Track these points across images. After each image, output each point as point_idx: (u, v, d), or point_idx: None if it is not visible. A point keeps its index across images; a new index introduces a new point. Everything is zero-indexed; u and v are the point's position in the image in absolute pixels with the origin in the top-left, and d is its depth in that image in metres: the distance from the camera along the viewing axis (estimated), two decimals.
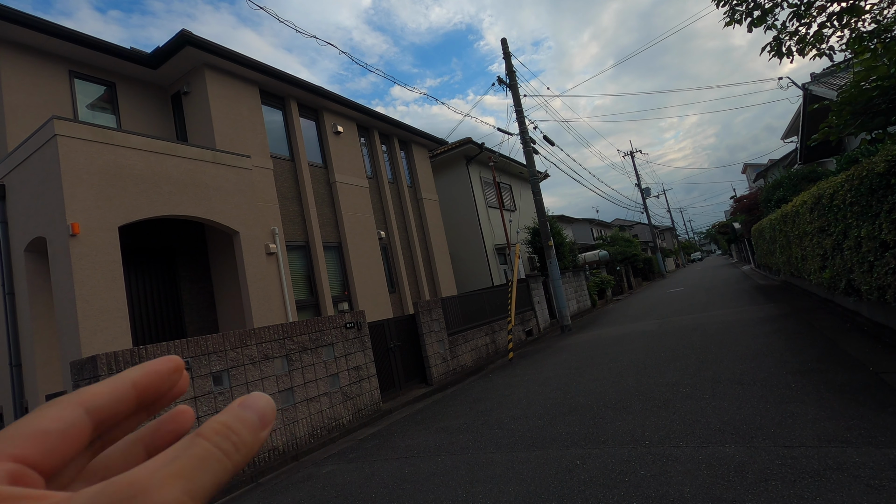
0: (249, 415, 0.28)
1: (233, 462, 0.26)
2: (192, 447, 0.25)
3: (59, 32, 7.60)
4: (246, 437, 0.27)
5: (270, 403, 0.30)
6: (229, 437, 0.27)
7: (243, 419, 0.28)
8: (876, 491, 2.57)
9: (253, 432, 0.28)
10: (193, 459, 0.25)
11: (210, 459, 0.25)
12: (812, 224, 7.27)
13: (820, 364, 5.03)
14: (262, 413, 0.29)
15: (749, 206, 19.00)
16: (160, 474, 0.24)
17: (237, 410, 0.28)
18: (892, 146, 4.55)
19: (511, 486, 3.65)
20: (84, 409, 0.27)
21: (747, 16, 5.22)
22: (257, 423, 0.28)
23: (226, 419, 0.28)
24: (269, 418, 0.29)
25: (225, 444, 0.26)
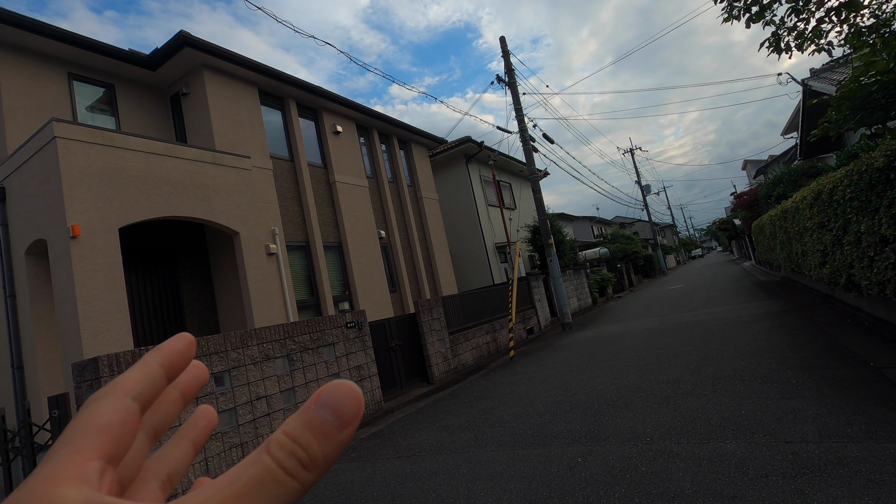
0: (324, 416, 0.24)
1: (301, 482, 0.23)
2: (253, 465, 0.23)
3: (57, 35, 7.60)
4: (316, 450, 0.24)
5: (353, 393, 0.25)
6: (295, 452, 0.23)
7: (315, 424, 0.24)
8: (877, 485, 2.57)
9: (327, 440, 0.24)
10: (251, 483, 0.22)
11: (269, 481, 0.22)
12: (812, 220, 7.27)
13: (821, 360, 5.03)
14: (339, 411, 0.24)
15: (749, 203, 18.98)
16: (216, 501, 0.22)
17: (311, 412, 0.25)
18: (891, 141, 4.55)
19: (512, 483, 3.66)
20: (130, 396, 0.27)
21: (745, 11, 5.21)
22: (334, 426, 0.24)
23: (295, 427, 0.24)
24: (350, 415, 0.25)
25: (289, 462, 0.23)
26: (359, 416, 0.25)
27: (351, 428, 0.25)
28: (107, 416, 0.25)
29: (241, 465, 0.23)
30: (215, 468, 5.39)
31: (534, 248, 18.26)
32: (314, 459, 0.23)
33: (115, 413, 0.26)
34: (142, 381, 0.28)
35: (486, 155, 16.47)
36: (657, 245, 41.51)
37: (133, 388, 0.27)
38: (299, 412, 0.25)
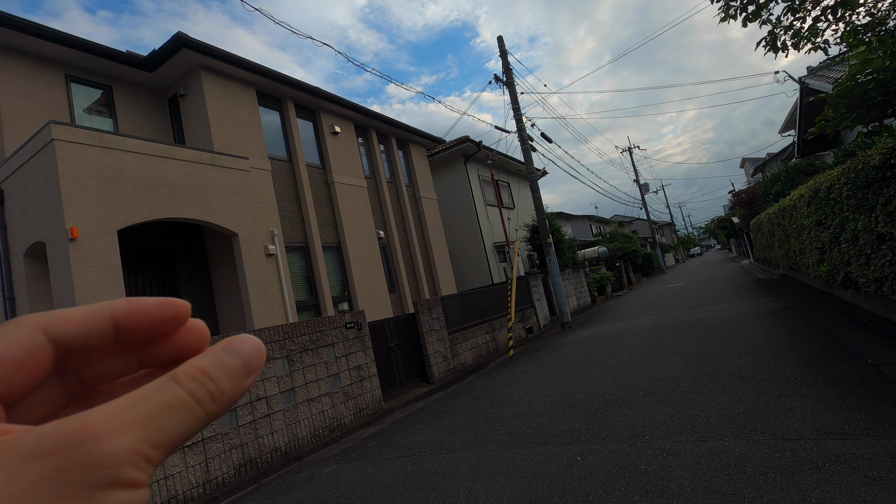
0: (232, 360, 0.26)
1: (206, 412, 0.24)
2: (161, 392, 0.23)
3: (54, 37, 7.59)
4: (225, 385, 0.25)
5: (259, 348, 0.27)
6: (206, 384, 0.24)
7: (224, 365, 0.25)
8: (874, 482, 2.59)
9: (234, 380, 0.25)
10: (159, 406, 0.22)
11: (179, 407, 0.23)
12: (809, 217, 7.29)
13: (819, 357, 5.05)
14: (246, 359, 0.26)
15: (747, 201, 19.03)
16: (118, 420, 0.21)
17: (219, 354, 0.26)
18: (887, 139, 4.56)
19: (512, 482, 3.67)
20: (47, 336, 0.25)
21: (741, 11, 5.22)
22: (240, 371, 0.26)
23: (204, 363, 0.25)
24: (255, 365, 0.26)
25: (200, 391, 0.24)
26: (260, 366, 0.27)
27: (252, 378, 0.26)
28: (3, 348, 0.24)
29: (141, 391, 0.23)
30: (215, 469, 5.40)
31: (533, 247, 18.27)
32: (222, 394, 0.24)
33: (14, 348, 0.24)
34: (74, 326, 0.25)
35: (484, 154, 16.47)
36: (656, 243, 41.56)
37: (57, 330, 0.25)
38: (207, 353, 0.26)
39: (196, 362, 0.25)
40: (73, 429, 0.21)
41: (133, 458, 0.21)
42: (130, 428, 0.21)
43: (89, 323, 0.26)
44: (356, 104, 12.14)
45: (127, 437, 0.21)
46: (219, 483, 5.39)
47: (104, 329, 0.26)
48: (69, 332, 0.25)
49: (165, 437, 0.22)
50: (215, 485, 5.35)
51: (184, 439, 0.23)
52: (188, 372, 0.24)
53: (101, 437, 0.20)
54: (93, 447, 0.20)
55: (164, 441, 0.22)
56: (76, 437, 0.20)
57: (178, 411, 0.23)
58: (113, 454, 0.20)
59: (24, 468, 0.19)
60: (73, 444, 0.20)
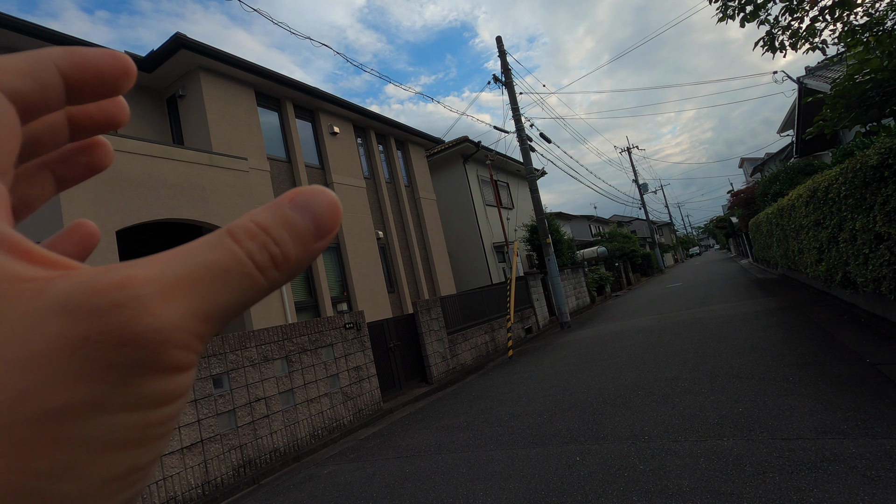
0: (301, 218, 0.20)
1: (268, 280, 0.19)
2: (216, 249, 0.18)
3: (53, 38, 7.58)
4: (290, 249, 0.20)
5: (333, 204, 0.21)
6: (268, 245, 0.19)
7: (292, 224, 0.20)
8: (872, 481, 2.59)
9: (303, 244, 0.20)
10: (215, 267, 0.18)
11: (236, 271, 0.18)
12: (808, 217, 7.30)
13: (817, 357, 5.06)
14: (318, 217, 0.21)
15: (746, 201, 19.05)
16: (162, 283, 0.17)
17: (286, 210, 0.20)
18: (885, 139, 4.57)
19: (511, 483, 3.67)
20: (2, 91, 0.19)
21: (739, 11, 5.24)
22: (311, 232, 0.21)
23: (266, 220, 0.20)
24: (329, 226, 0.21)
25: (261, 254, 0.19)
26: (335, 228, 0.22)
27: (326, 241, 0.21)
28: None
29: (195, 245, 0.19)
30: (214, 470, 5.39)
31: (532, 247, 18.28)
32: (287, 259, 0.20)
33: None
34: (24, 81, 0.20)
35: (483, 155, 16.48)
36: (655, 243, 41.60)
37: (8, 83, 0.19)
38: (270, 206, 0.21)
39: (256, 217, 0.20)
40: (110, 284, 0.16)
41: (180, 335, 0.17)
42: (180, 293, 0.17)
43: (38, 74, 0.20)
44: (355, 104, 12.14)
45: (175, 306, 0.17)
46: (218, 484, 5.38)
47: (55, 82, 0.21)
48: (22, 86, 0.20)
49: (218, 308, 0.18)
50: (214, 486, 5.35)
51: (238, 311, 0.19)
52: (247, 228, 0.19)
53: (144, 302, 0.16)
54: (133, 315, 0.16)
55: (217, 312, 0.18)
56: (112, 296, 0.16)
57: (235, 276, 0.18)
58: (157, 329, 0.16)
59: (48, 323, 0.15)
60: (108, 306, 0.16)
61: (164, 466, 4.99)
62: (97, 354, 0.15)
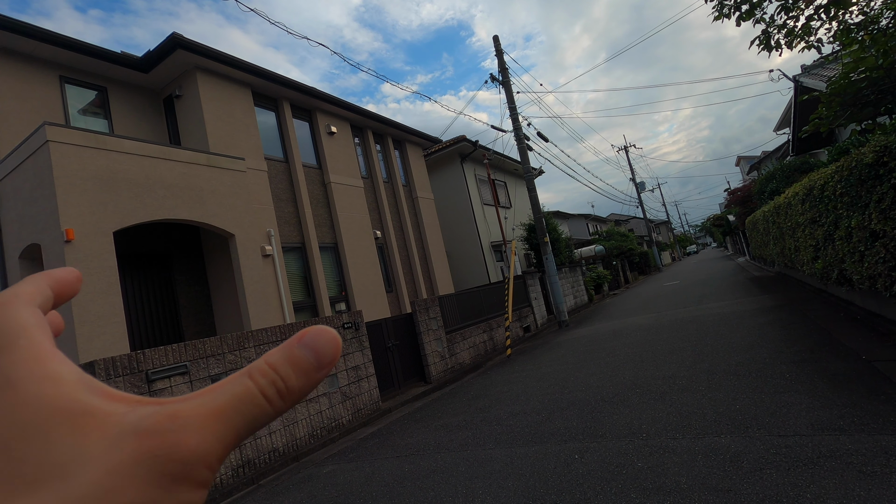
0: (304, 355, 0.25)
1: (274, 409, 0.24)
2: (236, 386, 0.24)
3: (48, 38, 7.56)
4: (294, 383, 0.25)
5: (333, 341, 0.26)
6: (276, 382, 0.24)
7: (297, 361, 0.25)
8: (868, 477, 2.61)
9: (305, 377, 0.25)
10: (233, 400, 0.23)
11: (249, 403, 0.24)
12: (804, 215, 7.33)
13: (814, 354, 5.09)
14: (319, 353, 0.26)
15: (743, 199, 19.11)
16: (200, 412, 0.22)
17: (293, 349, 0.26)
18: (880, 136, 4.60)
19: (510, 481, 3.68)
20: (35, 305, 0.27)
21: (735, 10, 5.25)
22: (312, 366, 0.26)
23: (276, 360, 0.25)
24: (329, 359, 0.26)
25: (269, 389, 0.24)
26: (335, 360, 0.27)
27: (327, 370, 0.26)
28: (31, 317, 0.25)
29: (224, 383, 0.24)
30: None
31: (530, 246, 18.30)
32: (290, 391, 0.25)
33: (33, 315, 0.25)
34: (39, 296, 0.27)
35: (480, 154, 16.49)
36: (652, 242, 41.67)
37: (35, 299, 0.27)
38: (282, 347, 0.26)
39: (269, 357, 0.25)
40: (167, 415, 0.22)
41: (210, 457, 0.22)
42: (211, 422, 0.22)
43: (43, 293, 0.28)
44: (352, 104, 12.12)
45: (209, 433, 0.22)
46: (217, 484, 5.38)
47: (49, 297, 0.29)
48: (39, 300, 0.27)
49: (236, 434, 0.23)
50: (213, 486, 5.35)
51: (248, 435, 0.24)
52: (261, 368, 0.25)
53: (190, 431, 0.22)
54: (182, 439, 0.21)
55: (235, 438, 0.23)
56: (169, 424, 0.22)
57: (247, 407, 0.23)
58: (197, 452, 0.21)
59: (125, 442, 0.21)
60: (166, 430, 0.21)
61: None
62: (157, 465, 0.21)
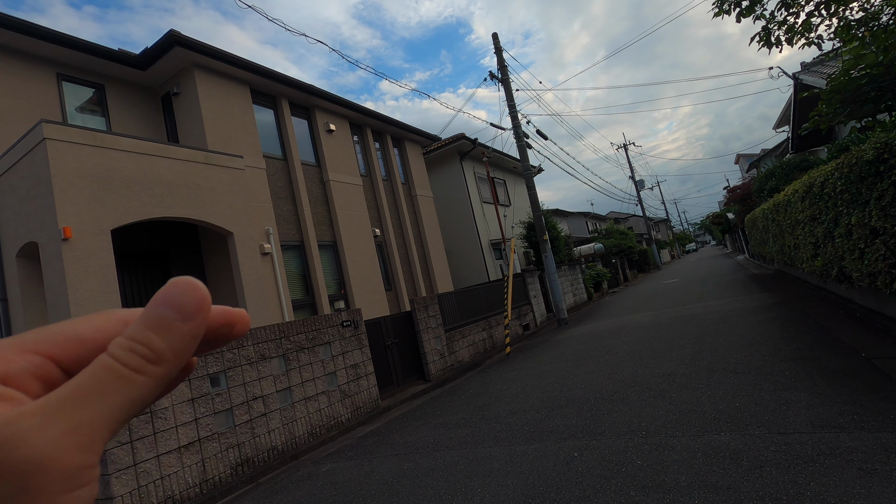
0: (162, 312, 0.23)
1: (150, 376, 0.22)
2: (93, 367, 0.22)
3: (46, 35, 7.52)
4: (158, 344, 0.22)
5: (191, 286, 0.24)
6: (134, 349, 0.22)
7: (154, 322, 0.23)
8: (868, 474, 2.61)
9: (169, 332, 0.23)
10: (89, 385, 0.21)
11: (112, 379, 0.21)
12: (804, 213, 7.32)
13: (813, 351, 5.08)
14: (177, 304, 0.23)
15: (742, 196, 19.11)
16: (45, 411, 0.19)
17: (148, 311, 0.23)
18: (881, 134, 4.58)
19: (509, 479, 3.68)
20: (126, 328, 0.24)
21: (735, 6, 5.23)
22: (175, 319, 0.23)
23: (133, 328, 0.23)
24: (192, 306, 0.23)
25: (131, 358, 0.22)
26: (203, 306, 0.24)
27: (197, 319, 0.24)
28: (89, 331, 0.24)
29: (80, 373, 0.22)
30: (212, 469, 5.38)
31: (529, 244, 18.29)
32: (158, 352, 0.22)
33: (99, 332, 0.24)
34: None
35: (479, 152, 16.46)
36: (651, 240, 41.67)
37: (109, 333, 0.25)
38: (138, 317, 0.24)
39: (127, 331, 0.23)
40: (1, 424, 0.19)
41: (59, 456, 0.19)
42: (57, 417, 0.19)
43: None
44: (351, 102, 12.09)
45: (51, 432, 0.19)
46: (216, 483, 5.37)
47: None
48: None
49: (101, 416, 0.20)
50: (212, 484, 5.34)
51: (133, 410, 0.21)
52: (117, 341, 0.23)
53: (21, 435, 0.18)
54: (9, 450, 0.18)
55: (101, 419, 0.20)
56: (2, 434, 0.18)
57: (112, 384, 0.21)
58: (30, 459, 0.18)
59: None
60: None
61: (162, 465, 4.97)
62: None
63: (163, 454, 5.00)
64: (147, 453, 4.88)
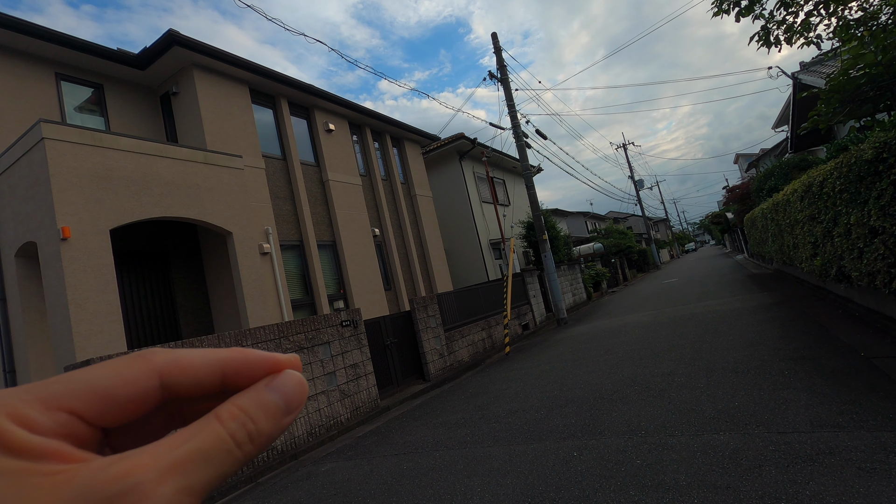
0: (274, 398, 0.25)
1: (244, 453, 0.23)
2: (203, 432, 0.23)
3: (44, 34, 7.50)
4: (264, 426, 0.24)
5: (301, 385, 0.27)
6: (246, 425, 0.24)
7: (266, 405, 0.25)
8: (867, 474, 2.61)
9: (274, 421, 0.25)
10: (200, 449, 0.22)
11: (219, 449, 0.23)
12: (803, 212, 7.32)
13: (812, 351, 5.08)
14: (288, 397, 0.26)
15: (741, 196, 19.11)
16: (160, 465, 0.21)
17: (262, 392, 0.25)
18: (880, 133, 4.59)
19: (508, 479, 3.68)
20: (161, 381, 0.25)
21: (735, 5, 5.23)
22: (281, 410, 0.25)
23: (245, 402, 0.25)
24: (297, 403, 0.26)
25: (239, 432, 0.23)
26: (302, 405, 0.26)
27: (293, 416, 0.26)
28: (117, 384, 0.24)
29: (189, 429, 0.23)
30: None
31: (528, 243, 18.29)
32: (261, 434, 0.24)
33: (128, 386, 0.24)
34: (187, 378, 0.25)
35: (479, 151, 16.45)
36: (651, 239, 41.69)
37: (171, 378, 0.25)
38: (250, 390, 0.25)
39: (238, 401, 0.25)
40: (118, 474, 0.20)
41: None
42: (170, 477, 0.21)
43: (202, 376, 0.26)
44: (350, 101, 12.08)
45: (166, 489, 0.20)
46: None
47: (213, 382, 0.26)
48: (182, 381, 0.25)
49: (203, 482, 0.22)
50: None
51: (220, 482, 0.23)
52: (230, 411, 0.24)
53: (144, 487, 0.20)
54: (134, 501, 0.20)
55: (202, 486, 0.22)
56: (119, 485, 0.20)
57: (218, 454, 0.23)
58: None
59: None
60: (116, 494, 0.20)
61: None
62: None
63: None
64: None
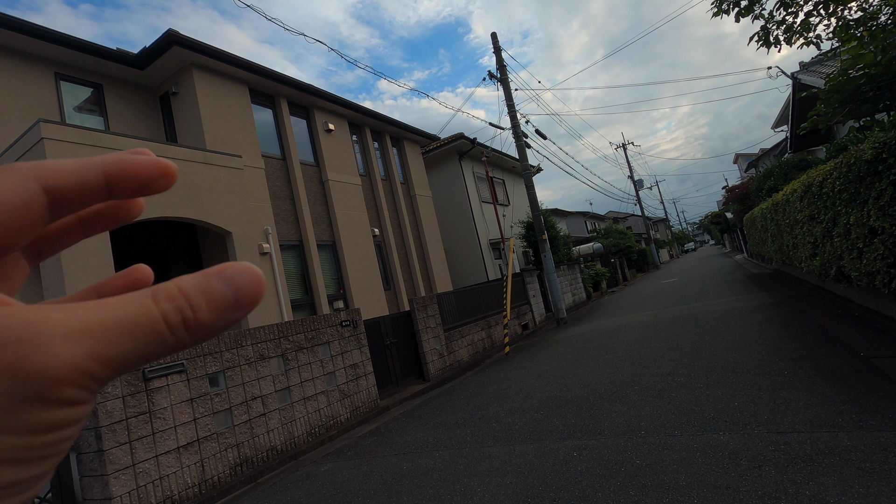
0: (222, 289, 0.22)
1: (176, 340, 0.21)
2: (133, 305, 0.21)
3: (44, 34, 7.50)
4: (204, 317, 0.22)
5: (257, 281, 0.23)
6: (183, 309, 0.21)
7: (212, 293, 0.22)
8: (867, 474, 2.61)
9: (217, 313, 0.22)
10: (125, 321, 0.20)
11: (147, 328, 0.20)
12: (802, 212, 7.32)
13: (812, 351, 5.09)
14: (239, 291, 0.23)
15: (741, 196, 19.12)
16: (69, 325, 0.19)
17: (211, 280, 0.22)
18: (879, 133, 4.59)
19: (508, 479, 3.68)
20: (42, 186, 0.22)
21: (734, 6, 5.23)
22: (228, 303, 0.22)
23: (188, 285, 0.22)
24: (249, 300, 0.23)
25: (174, 315, 0.21)
26: (255, 302, 0.23)
27: (243, 312, 0.23)
28: None
29: (117, 299, 0.21)
30: (211, 469, 5.38)
31: (528, 243, 18.29)
32: (199, 324, 0.22)
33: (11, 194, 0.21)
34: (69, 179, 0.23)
35: (478, 151, 16.45)
36: (650, 239, 41.71)
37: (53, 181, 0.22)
38: (198, 275, 0.23)
39: (180, 282, 0.22)
40: (24, 321, 0.18)
41: (74, 375, 0.18)
42: (81, 338, 0.19)
43: (83, 175, 0.23)
44: (350, 101, 12.08)
45: (73, 348, 0.19)
46: (215, 483, 5.36)
47: (97, 182, 0.24)
48: (63, 182, 0.22)
49: (119, 354, 0.20)
50: (211, 484, 5.33)
51: (141, 362, 0.21)
52: (168, 290, 0.21)
53: (44, 341, 0.18)
54: (31, 351, 0.18)
55: (118, 360, 0.20)
56: (20, 332, 0.18)
57: (143, 331, 0.20)
58: (49, 368, 0.18)
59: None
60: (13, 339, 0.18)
61: (161, 466, 4.97)
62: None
63: (161, 454, 4.99)
64: (146, 453, 4.87)
